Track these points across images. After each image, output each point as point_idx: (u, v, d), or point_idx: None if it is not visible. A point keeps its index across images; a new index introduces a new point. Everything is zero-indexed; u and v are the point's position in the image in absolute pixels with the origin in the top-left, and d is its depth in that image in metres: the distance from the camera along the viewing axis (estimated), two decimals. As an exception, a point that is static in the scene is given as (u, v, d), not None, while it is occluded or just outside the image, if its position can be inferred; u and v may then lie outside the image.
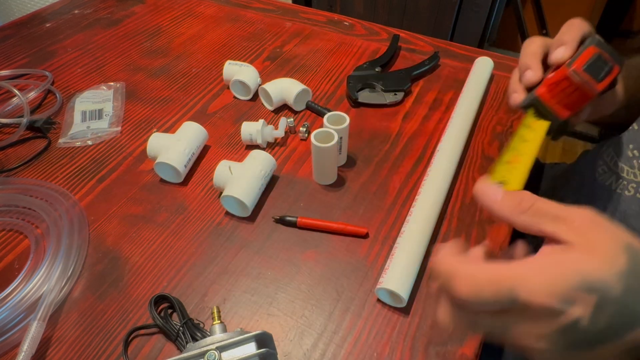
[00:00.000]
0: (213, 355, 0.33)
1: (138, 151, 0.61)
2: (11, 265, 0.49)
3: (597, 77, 0.34)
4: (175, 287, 0.46)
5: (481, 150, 0.60)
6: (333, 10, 1.77)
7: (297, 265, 0.48)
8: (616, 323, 0.24)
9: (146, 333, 0.43)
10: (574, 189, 0.55)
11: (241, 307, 0.45)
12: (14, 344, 0.42)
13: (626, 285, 0.23)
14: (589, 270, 0.23)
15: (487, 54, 0.76)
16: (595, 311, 0.23)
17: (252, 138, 0.59)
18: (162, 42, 0.82)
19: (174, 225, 0.52)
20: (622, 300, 0.23)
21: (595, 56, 0.35)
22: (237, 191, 0.50)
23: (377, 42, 0.81)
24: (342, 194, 0.55)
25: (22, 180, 0.57)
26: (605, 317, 0.23)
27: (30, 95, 0.69)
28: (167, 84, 0.73)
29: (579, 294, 0.23)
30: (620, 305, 0.24)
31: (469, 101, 0.63)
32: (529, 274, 0.24)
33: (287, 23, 0.87)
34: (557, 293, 0.23)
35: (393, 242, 0.49)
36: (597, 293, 0.23)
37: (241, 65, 0.69)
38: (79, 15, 0.90)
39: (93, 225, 0.52)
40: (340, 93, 0.70)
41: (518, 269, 0.24)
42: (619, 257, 0.24)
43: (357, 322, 0.43)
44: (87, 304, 0.45)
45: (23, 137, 0.63)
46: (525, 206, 0.26)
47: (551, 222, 0.25)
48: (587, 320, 0.23)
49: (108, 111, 0.67)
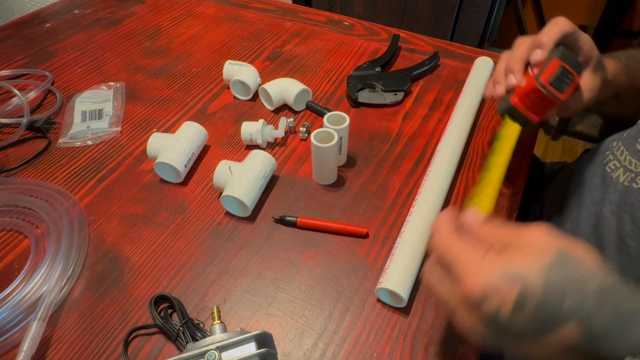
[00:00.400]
0: (213, 355, 0.33)
1: (138, 151, 0.61)
2: (11, 265, 0.49)
3: (561, 89, 0.40)
4: (175, 287, 0.46)
5: (481, 150, 0.60)
6: (333, 10, 1.77)
7: (297, 265, 0.48)
8: (539, 317, 0.25)
9: (146, 333, 0.43)
10: (578, 184, 0.55)
11: (241, 307, 0.45)
12: (14, 344, 0.42)
13: (549, 280, 0.25)
14: (514, 262, 0.26)
15: (487, 53, 0.76)
16: (517, 302, 0.25)
17: (252, 138, 0.59)
18: (162, 42, 0.82)
19: (174, 225, 0.52)
20: (544, 293, 0.24)
21: (559, 70, 0.40)
22: (237, 191, 0.50)
23: (377, 42, 0.81)
24: (342, 194, 0.55)
25: (22, 180, 0.57)
26: (528, 310, 0.25)
27: (30, 95, 0.69)
28: (167, 84, 0.73)
29: (501, 282, 0.25)
30: (542, 299, 0.24)
31: (468, 101, 0.63)
32: (471, 259, 0.28)
33: (287, 23, 0.87)
34: (482, 281, 0.26)
35: (393, 242, 0.49)
36: (519, 283, 0.25)
37: (241, 65, 0.69)
38: (79, 15, 0.90)
39: (93, 225, 0.52)
40: (340, 93, 0.70)
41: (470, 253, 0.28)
42: (546, 255, 0.26)
43: (357, 322, 0.43)
44: (87, 304, 0.45)
45: (23, 137, 0.63)
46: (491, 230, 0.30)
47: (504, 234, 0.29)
48: (509, 311, 0.25)
49: (108, 111, 0.67)
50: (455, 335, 0.42)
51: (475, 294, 0.26)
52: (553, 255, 0.26)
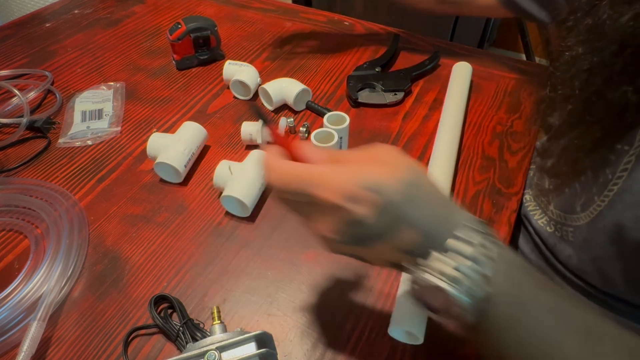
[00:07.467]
0: (213, 355, 0.33)
1: (138, 151, 0.61)
2: (11, 265, 0.49)
3: None
4: (175, 287, 0.46)
5: (481, 150, 0.60)
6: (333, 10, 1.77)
7: (297, 265, 0.48)
8: (392, 224, 0.28)
9: (146, 333, 0.43)
10: None
11: (241, 307, 0.45)
12: (14, 344, 0.42)
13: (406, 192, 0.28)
14: (372, 174, 0.28)
15: (487, 54, 0.76)
16: (376, 210, 0.28)
17: (252, 138, 0.59)
18: (162, 42, 0.82)
19: (174, 225, 0.52)
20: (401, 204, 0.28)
21: None
22: (237, 191, 0.50)
23: (377, 42, 0.81)
24: (342, 194, 0.55)
25: (22, 180, 0.57)
26: (384, 218, 0.28)
27: (30, 95, 0.69)
28: (167, 84, 0.73)
29: (362, 192, 0.28)
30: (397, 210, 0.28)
31: (455, 103, 0.63)
32: (323, 175, 0.29)
33: (287, 23, 0.87)
34: (342, 191, 0.28)
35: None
36: (380, 193, 0.28)
37: (241, 65, 0.69)
38: (79, 15, 0.90)
39: (93, 225, 0.52)
40: (340, 93, 0.70)
41: (317, 170, 0.29)
42: (401, 169, 0.29)
43: (357, 322, 0.43)
44: (87, 304, 0.45)
45: (23, 137, 0.63)
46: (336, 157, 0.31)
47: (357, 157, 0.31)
48: (370, 218, 0.28)
49: (108, 111, 0.67)
50: (455, 335, 0.42)
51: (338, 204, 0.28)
52: (407, 171, 0.29)
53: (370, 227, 0.28)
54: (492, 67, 0.74)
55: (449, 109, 0.62)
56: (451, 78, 0.68)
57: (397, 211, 0.28)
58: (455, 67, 0.69)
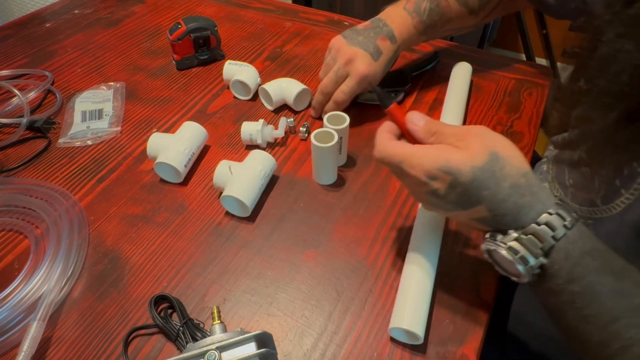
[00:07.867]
0: (213, 355, 0.33)
1: (138, 151, 0.61)
2: (11, 265, 0.49)
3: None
4: (175, 287, 0.46)
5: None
6: (333, 10, 1.77)
7: (297, 265, 0.48)
8: (462, 199, 0.36)
9: (146, 333, 0.43)
10: None
11: (241, 307, 0.45)
12: (14, 344, 0.42)
13: (474, 177, 0.35)
14: (452, 160, 0.35)
15: (487, 53, 0.76)
16: (448, 187, 0.36)
17: (252, 138, 0.59)
18: (162, 42, 0.82)
19: (174, 225, 0.52)
20: (468, 185, 0.35)
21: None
22: (237, 191, 0.50)
23: (377, 42, 0.81)
24: (342, 194, 0.55)
25: (22, 180, 0.57)
26: (455, 194, 0.36)
27: (30, 95, 0.69)
28: (167, 84, 0.73)
29: (438, 173, 0.35)
30: (465, 188, 0.35)
31: (455, 103, 0.63)
32: (413, 155, 0.37)
33: (287, 23, 0.87)
34: (424, 170, 0.36)
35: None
36: (451, 174, 0.35)
37: (241, 65, 0.69)
38: (79, 15, 0.90)
39: (93, 225, 0.52)
40: (340, 93, 0.70)
41: (409, 151, 0.37)
42: (481, 157, 0.35)
43: (357, 322, 0.43)
44: (87, 304, 0.45)
45: (23, 137, 0.63)
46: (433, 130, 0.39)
47: (450, 137, 0.37)
48: (443, 191, 0.36)
49: (108, 111, 0.67)
50: (455, 335, 0.42)
51: (421, 179, 0.36)
52: (485, 157, 0.35)
53: (444, 198, 0.36)
54: (492, 67, 0.74)
55: (449, 109, 0.62)
56: (451, 78, 0.68)
57: (464, 190, 0.35)
58: (455, 67, 0.69)
